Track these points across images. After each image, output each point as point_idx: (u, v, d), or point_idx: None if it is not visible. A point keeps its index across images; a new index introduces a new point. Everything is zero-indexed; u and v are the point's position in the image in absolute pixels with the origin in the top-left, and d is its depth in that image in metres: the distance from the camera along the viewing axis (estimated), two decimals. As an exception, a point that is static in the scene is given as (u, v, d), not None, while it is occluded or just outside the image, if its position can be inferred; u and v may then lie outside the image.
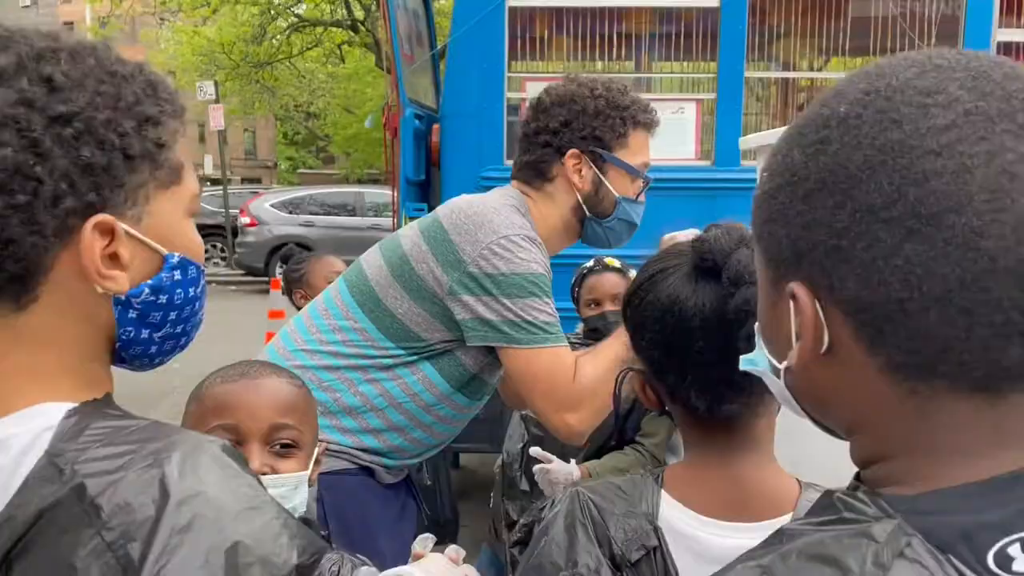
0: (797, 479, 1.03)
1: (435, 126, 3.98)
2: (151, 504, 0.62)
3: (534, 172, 1.71)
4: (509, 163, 3.91)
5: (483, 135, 3.82)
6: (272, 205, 13.79)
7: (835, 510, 0.56)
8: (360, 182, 23.16)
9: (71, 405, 0.69)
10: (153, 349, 0.79)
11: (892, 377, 0.54)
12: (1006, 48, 3.81)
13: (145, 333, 0.77)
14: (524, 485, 2.72)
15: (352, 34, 20.10)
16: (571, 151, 1.67)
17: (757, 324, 0.68)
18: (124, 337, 0.76)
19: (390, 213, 14.16)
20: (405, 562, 1.87)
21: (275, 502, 0.70)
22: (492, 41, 3.79)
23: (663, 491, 1.02)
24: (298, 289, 2.77)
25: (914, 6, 3.81)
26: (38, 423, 0.67)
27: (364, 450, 1.66)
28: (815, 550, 0.53)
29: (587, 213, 1.71)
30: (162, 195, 0.76)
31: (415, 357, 1.64)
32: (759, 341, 0.68)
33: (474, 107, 3.81)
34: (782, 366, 0.63)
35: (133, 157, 0.72)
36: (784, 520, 0.97)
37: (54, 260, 0.69)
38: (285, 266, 2.93)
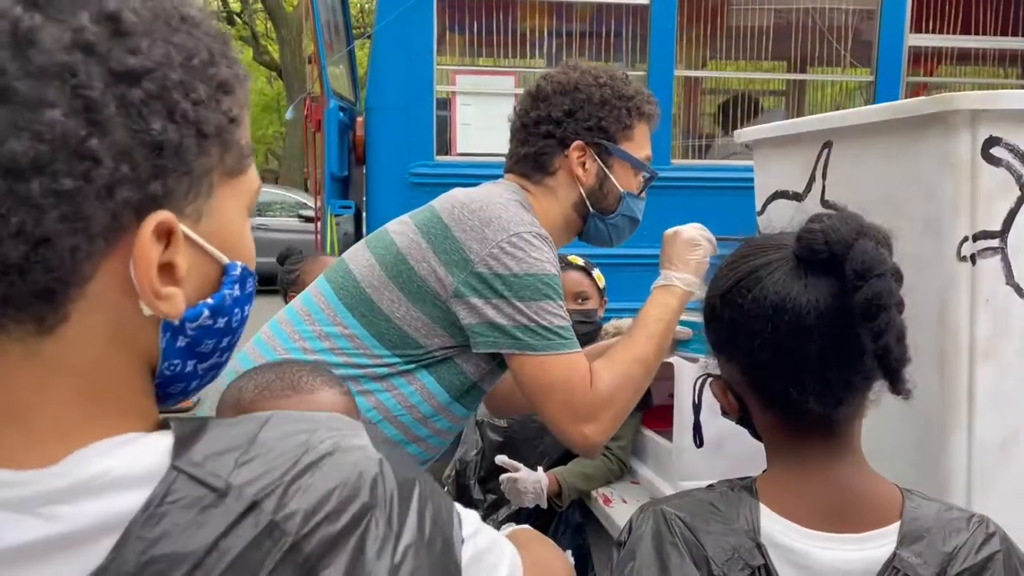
0: (896, 484, 0.97)
1: (359, 119, 3.80)
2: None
3: (534, 165, 1.60)
4: (440, 159, 3.86)
5: (412, 129, 3.67)
6: (147, 203, 12.95)
7: None
8: (236, 180, 22.24)
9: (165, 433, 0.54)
10: (193, 385, 0.60)
11: None
12: (916, 52, 3.99)
13: (191, 366, 0.58)
14: (478, 494, 2.60)
15: (228, 27, 19.29)
16: (576, 143, 1.57)
17: None
18: (168, 372, 0.57)
19: (273, 212, 13.68)
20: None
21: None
22: (420, 31, 3.64)
23: (761, 504, 0.94)
24: (293, 292, 2.52)
25: (832, 12, 3.93)
26: (154, 444, 0.52)
27: (354, 469, 1.51)
28: None
29: (590, 209, 1.61)
30: (226, 186, 0.58)
31: (412, 365, 1.50)
32: None
33: (402, 100, 3.65)
34: None
35: (207, 135, 0.54)
36: (890, 530, 0.91)
37: (95, 268, 0.51)
38: (282, 266, 2.68)
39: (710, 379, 1.04)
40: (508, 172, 1.65)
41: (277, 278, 2.67)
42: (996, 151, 1.21)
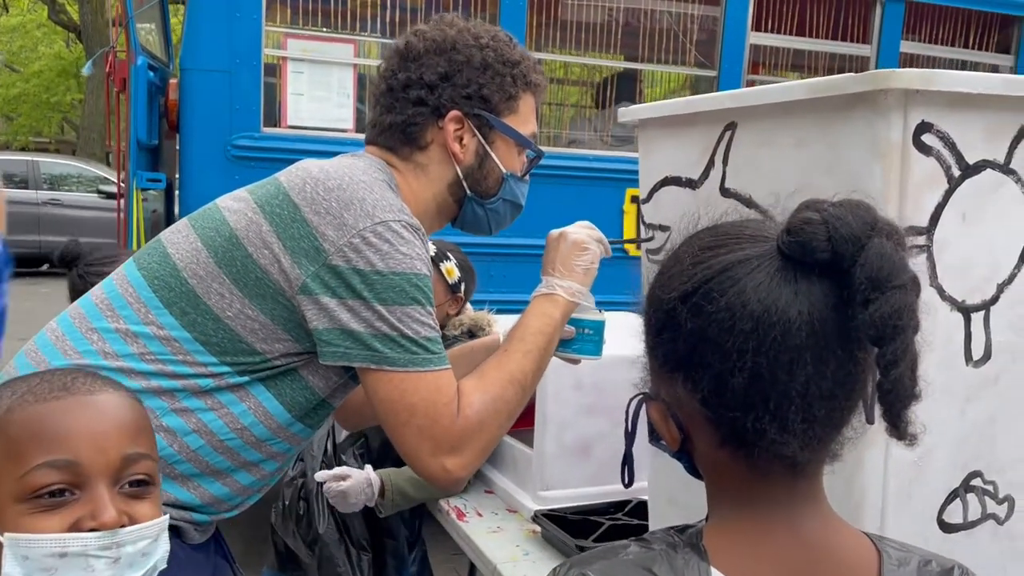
0: (866, 533, 0.81)
1: (172, 82, 3.34)
2: None
3: (402, 137, 1.34)
4: (267, 131, 3.47)
5: (235, 96, 3.26)
6: (-86, 172, 11.38)
7: None
8: (25, 150, 20.15)
9: None
10: None
11: None
12: (756, 50, 4.05)
13: None
14: (301, 509, 2.33)
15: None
16: (452, 113, 1.33)
17: None
18: None
19: (69, 186, 12.50)
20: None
21: None
22: (246, -14, 3.24)
23: (713, 569, 0.75)
24: None
25: (680, 8, 3.91)
26: None
27: (169, 504, 1.20)
28: None
29: (467, 191, 1.38)
30: None
31: (246, 378, 1.21)
32: None
33: (225, 63, 3.23)
34: None
35: None
36: None
37: None
38: (76, 267, 1.98)
39: (647, 401, 0.83)
40: (370, 144, 1.38)
41: (68, 279, 2.02)
42: (927, 138, 1.10)
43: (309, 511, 2.27)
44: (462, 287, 2.33)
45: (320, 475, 2.12)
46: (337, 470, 2.12)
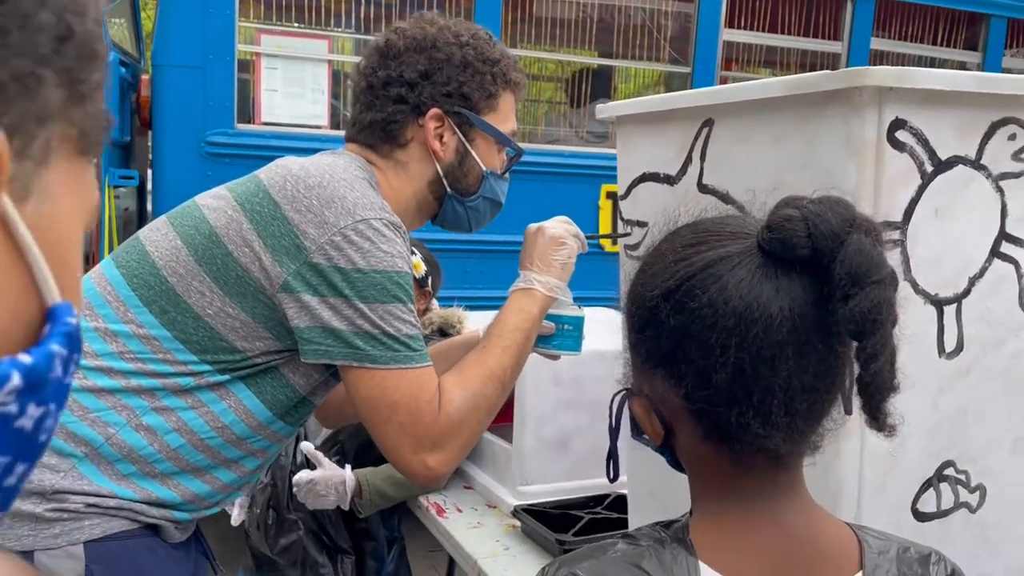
0: (846, 523, 0.83)
1: (144, 78, 3.30)
2: None
3: (382, 135, 1.34)
4: (240, 127, 3.44)
5: (208, 93, 3.23)
6: None
7: None
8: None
9: None
10: None
11: None
12: (729, 46, 4.08)
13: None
14: (270, 518, 2.31)
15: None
16: (433, 111, 1.33)
17: None
18: None
19: None
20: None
21: None
22: (219, -18, 3.21)
23: (701, 563, 0.76)
24: None
25: (653, 5, 3.93)
26: None
27: (150, 503, 1.20)
28: None
29: (448, 189, 1.38)
30: (67, 166, 0.34)
31: (227, 376, 1.20)
32: None
33: (197, 59, 3.20)
34: None
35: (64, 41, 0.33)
36: None
37: None
38: None
39: (630, 397, 0.84)
40: (350, 141, 1.38)
41: None
42: (901, 135, 1.12)
43: (279, 519, 2.26)
44: (429, 281, 2.35)
45: (305, 445, 2.11)
46: (319, 454, 2.12)
